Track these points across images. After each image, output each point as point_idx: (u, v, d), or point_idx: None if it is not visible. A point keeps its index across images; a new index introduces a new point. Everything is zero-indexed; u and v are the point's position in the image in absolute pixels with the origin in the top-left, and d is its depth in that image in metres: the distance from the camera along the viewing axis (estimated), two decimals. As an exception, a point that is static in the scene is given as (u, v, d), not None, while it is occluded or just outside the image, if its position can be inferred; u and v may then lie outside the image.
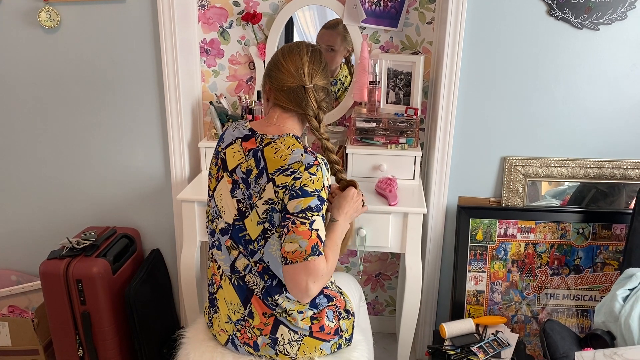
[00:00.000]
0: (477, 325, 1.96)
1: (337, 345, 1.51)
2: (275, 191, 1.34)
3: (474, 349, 1.82)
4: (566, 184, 2.06)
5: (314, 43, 1.57)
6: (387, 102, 2.10)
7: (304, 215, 1.30)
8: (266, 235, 1.38)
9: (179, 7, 2.00)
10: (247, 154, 1.41)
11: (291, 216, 1.30)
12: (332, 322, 1.48)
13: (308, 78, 1.42)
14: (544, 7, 1.87)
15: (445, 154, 2.04)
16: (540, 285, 2.07)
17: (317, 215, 1.32)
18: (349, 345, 1.54)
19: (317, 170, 1.34)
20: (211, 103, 2.13)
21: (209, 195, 1.51)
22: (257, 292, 1.44)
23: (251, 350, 1.48)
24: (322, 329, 1.46)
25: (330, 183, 1.43)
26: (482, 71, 1.96)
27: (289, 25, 2.15)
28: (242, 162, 1.41)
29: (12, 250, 2.40)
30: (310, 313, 1.45)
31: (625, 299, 1.65)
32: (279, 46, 2.13)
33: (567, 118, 1.98)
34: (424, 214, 1.84)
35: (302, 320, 1.44)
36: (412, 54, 2.12)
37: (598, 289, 2.06)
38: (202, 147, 2.14)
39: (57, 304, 1.97)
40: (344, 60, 2.20)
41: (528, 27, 1.89)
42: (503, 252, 2.07)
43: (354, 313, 1.57)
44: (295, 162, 1.34)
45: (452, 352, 1.83)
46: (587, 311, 2.07)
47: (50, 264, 1.96)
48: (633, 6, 1.83)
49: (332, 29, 2.15)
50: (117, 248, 2.11)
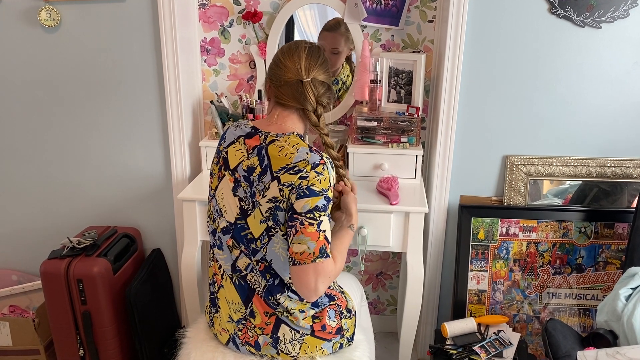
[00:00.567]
0: (479, 325, 1.96)
1: (339, 345, 1.50)
2: (280, 189, 1.33)
3: (476, 348, 1.82)
4: (568, 182, 2.05)
5: (314, 42, 1.57)
6: (388, 101, 2.10)
7: (312, 215, 1.30)
8: (270, 234, 1.37)
9: (179, 6, 1.99)
10: (250, 151, 1.41)
11: (299, 216, 1.30)
12: (334, 321, 1.48)
13: (305, 72, 1.42)
14: (545, 5, 1.86)
15: (447, 152, 2.03)
16: (542, 284, 2.07)
17: (324, 215, 1.32)
18: (350, 344, 1.54)
19: (324, 169, 1.34)
20: (212, 102, 2.13)
21: (210, 194, 1.50)
22: (259, 291, 1.43)
23: (252, 350, 1.48)
24: (323, 328, 1.46)
25: (334, 182, 1.43)
26: (483, 69, 1.95)
27: (290, 24, 2.14)
28: (244, 160, 1.41)
29: (13, 250, 2.40)
30: (312, 312, 1.45)
31: (628, 298, 1.64)
32: (280, 45, 2.13)
33: (568, 116, 1.98)
34: (425, 213, 1.83)
35: (303, 320, 1.43)
36: (413, 52, 2.12)
37: (600, 288, 2.05)
38: (202, 147, 2.14)
39: (58, 304, 1.97)
40: (344, 59, 2.20)
41: (530, 25, 1.89)
42: (505, 251, 2.06)
43: (355, 312, 1.57)
44: (301, 161, 1.34)
45: (454, 352, 1.82)
46: (589, 310, 2.07)
47: (51, 263, 1.96)
48: (635, 4, 1.82)
49: (335, 30, 2.14)
50: (117, 248, 2.11)
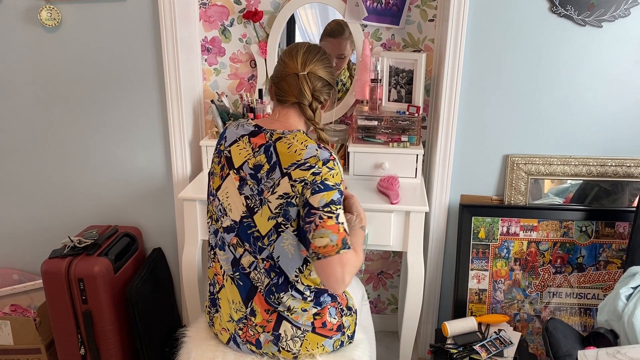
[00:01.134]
0: (480, 324, 1.96)
1: (340, 342, 1.50)
2: (292, 185, 1.34)
3: (477, 347, 1.82)
4: (569, 181, 2.05)
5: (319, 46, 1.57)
6: (388, 100, 2.10)
7: (329, 209, 1.31)
8: (279, 230, 1.37)
9: (179, 5, 1.99)
10: (257, 149, 1.41)
11: (317, 211, 1.30)
12: (335, 318, 1.48)
13: (301, 65, 1.44)
14: (546, 4, 1.86)
15: (448, 152, 2.03)
16: (542, 283, 2.07)
17: (340, 208, 1.33)
18: (351, 342, 1.54)
19: (335, 165, 1.37)
20: (212, 101, 2.13)
21: (211, 194, 1.50)
22: (261, 289, 1.43)
23: (253, 349, 1.48)
24: (324, 325, 1.46)
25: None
26: (484, 69, 1.95)
27: (291, 23, 2.14)
28: (249, 158, 1.41)
29: (14, 249, 2.40)
30: (314, 310, 1.45)
31: (629, 297, 1.64)
32: (280, 44, 2.14)
33: (569, 115, 1.98)
34: (426, 213, 1.83)
35: (304, 317, 1.44)
36: (414, 51, 2.11)
37: (601, 287, 2.05)
38: (203, 146, 2.14)
39: (59, 303, 1.97)
40: None
41: (530, 24, 1.88)
42: (505, 251, 2.06)
43: (356, 310, 1.57)
44: (312, 157, 1.35)
45: (455, 351, 1.82)
46: (590, 310, 2.06)
47: (51, 262, 1.96)
48: (636, 3, 1.82)
49: (339, 36, 2.13)
50: (118, 247, 2.11)
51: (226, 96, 2.19)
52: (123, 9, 2.02)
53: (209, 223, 1.53)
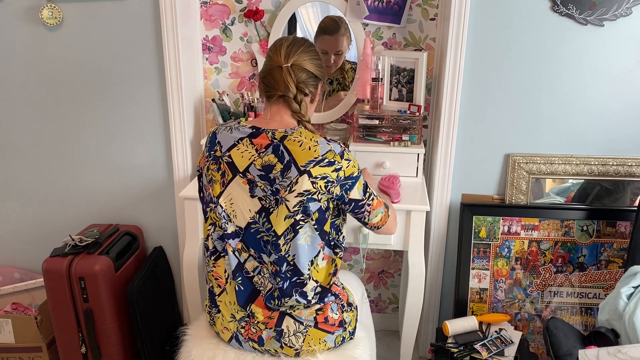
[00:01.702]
0: (481, 323, 1.96)
1: (341, 339, 1.50)
2: (313, 182, 1.35)
3: (477, 346, 1.82)
4: (570, 181, 2.05)
5: (307, 38, 1.56)
6: (390, 99, 2.09)
7: (368, 193, 1.48)
8: (297, 227, 1.38)
9: (180, 4, 1.99)
10: (263, 150, 1.39)
11: (363, 202, 1.47)
12: (336, 314, 1.48)
13: (284, 58, 1.43)
14: (548, 3, 1.85)
15: (449, 151, 2.03)
16: (543, 282, 2.06)
17: (368, 186, 1.49)
18: (352, 338, 1.54)
19: (348, 154, 1.42)
20: (213, 100, 2.13)
21: (212, 202, 1.46)
22: (263, 293, 1.44)
23: (256, 346, 1.47)
24: (326, 320, 1.46)
25: None
26: (485, 68, 1.95)
27: (292, 22, 2.14)
28: (255, 160, 1.39)
29: (15, 248, 2.40)
30: (316, 306, 1.46)
31: (630, 297, 1.64)
32: (282, 43, 2.13)
33: (571, 115, 1.97)
34: (427, 212, 1.83)
35: (307, 312, 1.45)
36: (415, 50, 2.11)
37: (602, 286, 2.05)
38: (204, 145, 2.13)
39: (60, 302, 1.97)
40: None
41: (532, 23, 1.88)
42: (506, 250, 2.06)
43: (356, 307, 1.57)
44: (328, 152, 1.37)
45: (455, 350, 1.82)
46: (591, 309, 2.06)
47: (53, 261, 1.96)
48: (638, 2, 1.81)
49: (336, 32, 2.13)
50: (119, 245, 2.11)
51: (227, 95, 2.19)
52: (124, 8, 2.02)
53: (210, 230, 1.49)
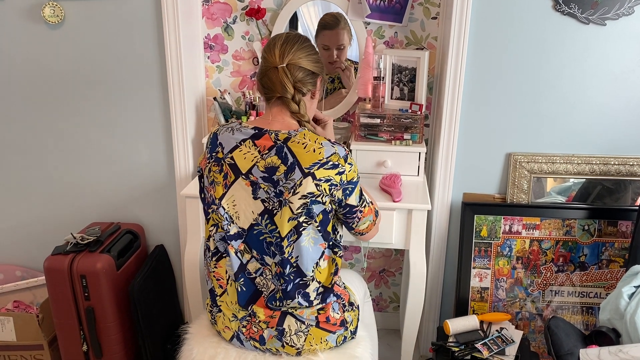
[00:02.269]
0: (482, 322, 1.96)
1: (342, 338, 1.50)
2: (317, 185, 1.35)
3: (478, 345, 1.82)
4: (571, 180, 2.05)
5: (301, 33, 1.55)
6: (391, 98, 2.09)
7: (363, 200, 1.49)
8: (300, 229, 1.37)
9: (182, 3, 1.99)
10: (266, 152, 1.38)
11: (356, 208, 1.46)
12: (338, 313, 1.48)
13: (279, 58, 1.41)
14: (550, 2, 1.85)
15: (450, 150, 2.03)
16: (545, 282, 2.06)
17: (363, 193, 1.50)
18: (353, 338, 1.54)
19: (351, 158, 1.42)
20: (215, 99, 2.13)
21: (214, 203, 1.45)
22: (265, 294, 1.44)
23: (257, 345, 1.47)
24: (328, 319, 1.46)
25: None
26: (487, 67, 1.95)
27: (294, 20, 2.14)
28: (258, 161, 1.38)
29: (17, 246, 2.41)
30: (318, 306, 1.46)
31: (631, 296, 1.64)
32: (283, 42, 2.13)
33: (572, 114, 1.97)
34: (428, 211, 1.83)
35: (309, 311, 1.45)
36: (416, 49, 2.11)
37: (603, 286, 2.05)
38: (205, 144, 2.13)
39: (62, 300, 1.98)
40: None
41: (534, 23, 1.88)
42: (508, 249, 2.06)
43: (358, 306, 1.57)
44: (332, 155, 1.37)
45: (456, 349, 1.82)
46: (592, 308, 2.06)
47: (54, 259, 1.97)
48: (640, 1, 1.82)
49: (336, 27, 2.13)
50: (121, 244, 2.11)
51: (229, 93, 2.19)
52: (126, 6, 2.02)
53: (212, 231, 1.48)
